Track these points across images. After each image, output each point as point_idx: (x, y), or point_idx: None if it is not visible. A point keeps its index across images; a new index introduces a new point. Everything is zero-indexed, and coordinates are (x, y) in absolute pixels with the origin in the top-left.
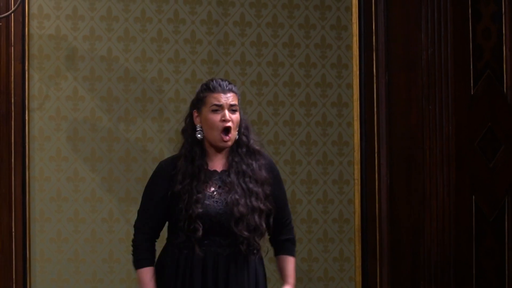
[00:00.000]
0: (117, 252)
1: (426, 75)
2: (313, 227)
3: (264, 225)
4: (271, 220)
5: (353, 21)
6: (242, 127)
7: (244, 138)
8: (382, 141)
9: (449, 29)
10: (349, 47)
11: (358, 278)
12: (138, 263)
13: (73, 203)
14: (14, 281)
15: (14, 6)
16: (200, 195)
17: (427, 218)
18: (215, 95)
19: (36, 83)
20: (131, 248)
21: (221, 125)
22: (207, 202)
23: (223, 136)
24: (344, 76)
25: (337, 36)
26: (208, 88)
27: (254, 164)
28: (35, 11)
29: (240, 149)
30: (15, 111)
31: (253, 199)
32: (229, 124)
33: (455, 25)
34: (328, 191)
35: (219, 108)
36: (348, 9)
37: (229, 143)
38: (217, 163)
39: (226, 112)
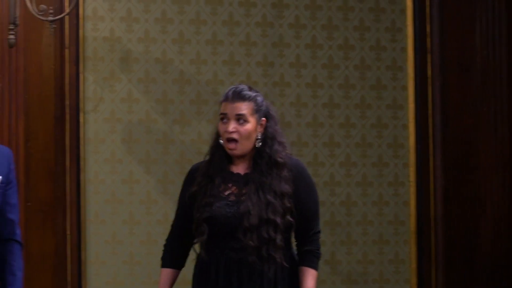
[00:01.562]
0: None
1: (480, 77)
2: (369, 229)
3: (279, 239)
4: (292, 233)
5: (407, 23)
6: (268, 137)
7: (267, 149)
8: (437, 143)
9: (503, 31)
10: (404, 49)
11: (414, 280)
12: (161, 263)
13: (128, 205)
14: (68, 283)
15: (68, 8)
16: (211, 198)
17: (482, 220)
18: (224, 103)
19: (91, 85)
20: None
21: (225, 135)
22: (218, 205)
23: (227, 144)
24: (399, 78)
25: (392, 38)
26: (223, 95)
27: (274, 176)
28: (89, 13)
29: (260, 160)
30: (70, 114)
31: (269, 211)
32: (233, 135)
33: (509, 27)
34: (383, 193)
35: (225, 117)
36: (403, 11)
37: (237, 152)
38: (241, 167)
39: (231, 122)
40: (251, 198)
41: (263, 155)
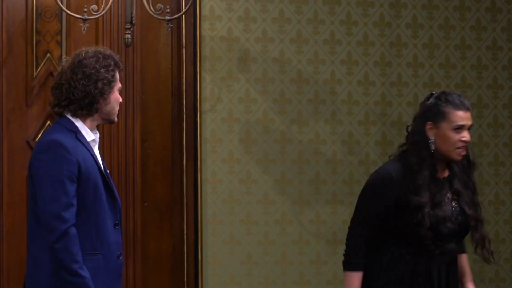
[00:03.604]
0: (290, 254)
1: None
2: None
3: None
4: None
5: None
6: None
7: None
8: None
9: None
10: None
11: None
12: (350, 266)
13: (246, 205)
14: (185, 283)
15: (185, 7)
16: (444, 207)
17: None
18: (460, 114)
19: (208, 85)
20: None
21: (460, 144)
22: (445, 213)
23: (459, 150)
24: None
25: (508, 38)
26: (451, 103)
27: (470, 175)
28: (206, 12)
29: (462, 161)
30: (187, 114)
31: (478, 210)
32: (467, 144)
33: None
34: (499, 192)
35: (461, 128)
36: None
37: (460, 158)
38: (442, 172)
39: (466, 132)
40: (465, 199)
41: (464, 157)
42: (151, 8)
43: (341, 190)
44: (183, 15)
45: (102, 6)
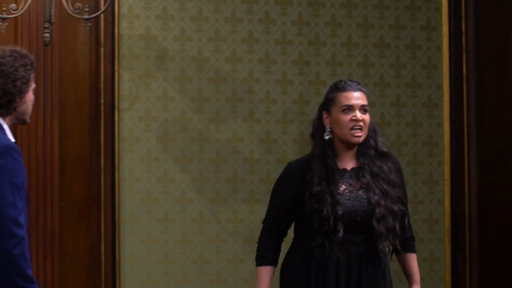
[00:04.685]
0: (207, 253)
1: None
2: None
3: (398, 227)
4: (406, 221)
5: (443, 22)
6: (370, 129)
7: (372, 141)
8: (472, 141)
9: None
10: (439, 48)
11: (448, 278)
12: (259, 261)
13: (163, 204)
14: (103, 282)
15: (103, 6)
16: (339, 197)
17: None
18: (345, 94)
19: (126, 84)
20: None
21: (352, 124)
22: (344, 201)
23: (353, 131)
24: (434, 77)
25: (427, 37)
26: (337, 88)
27: (384, 167)
28: (125, 11)
29: (369, 151)
30: (105, 112)
31: (389, 201)
32: (360, 123)
33: None
34: (418, 192)
35: (350, 108)
36: (438, 10)
37: (361, 139)
38: (347, 162)
39: (357, 112)
40: (373, 190)
41: (370, 146)
42: (70, 7)
43: (259, 189)
44: (102, 14)
45: (21, 5)
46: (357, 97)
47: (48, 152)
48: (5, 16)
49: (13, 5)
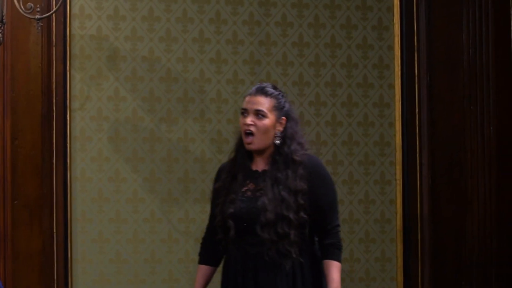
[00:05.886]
0: (159, 252)
1: (468, 75)
2: (355, 228)
3: (293, 234)
4: (306, 230)
5: (394, 21)
6: (287, 137)
7: (285, 148)
8: (423, 141)
9: (490, 29)
10: (390, 48)
11: (400, 278)
12: (198, 259)
13: (115, 204)
14: (55, 282)
15: (55, 6)
16: (233, 195)
17: (469, 218)
18: (246, 97)
19: (78, 84)
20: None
21: (244, 128)
22: (239, 201)
23: (245, 138)
24: (386, 77)
25: (378, 36)
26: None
27: (290, 173)
28: (76, 11)
29: (279, 157)
30: (57, 112)
31: (283, 207)
32: (250, 128)
33: (497, 25)
34: (369, 192)
35: (245, 111)
36: (390, 9)
37: (252, 146)
38: (260, 164)
39: (249, 117)
40: (267, 194)
41: (281, 153)
42: (22, 7)
43: (210, 189)
44: (53, 14)
45: None
46: (253, 102)
47: (0, 151)
48: None
49: None
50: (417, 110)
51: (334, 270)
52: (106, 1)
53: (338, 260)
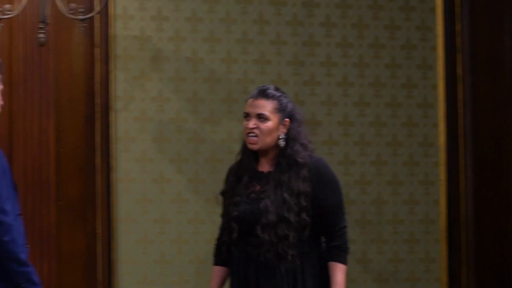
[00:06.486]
0: (203, 253)
1: (510, 75)
2: (399, 228)
3: (291, 236)
4: (306, 232)
5: (437, 22)
6: (290, 138)
7: (288, 150)
8: (467, 141)
9: None
10: (434, 48)
11: (444, 279)
12: (213, 260)
13: (159, 205)
14: (99, 283)
15: (98, 7)
16: (238, 197)
17: None
18: (249, 101)
19: (121, 84)
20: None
21: (247, 131)
22: (243, 203)
23: (248, 139)
24: (430, 77)
25: (422, 37)
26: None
27: (293, 175)
28: (119, 12)
29: (282, 159)
30: (100, 113)
31: (284, 209)
32: (254, 131)
33: None
34: (414, 192)
35: (248, 115)
36: (433, 10)
37: (255, 146)
38: (265, 165)
39: (252, 120)
40: (270, 196)
41: (285, 155)
42: (65, 7)
43: None
44: (96, 15)
45: (16, 6)
46: (255, 105)
47: (44, 152)
48: (0, 16)
49: (8, 6)
50: (460, 110)
51: (338, 272)
52: (149, 1)
53: (343, 262)
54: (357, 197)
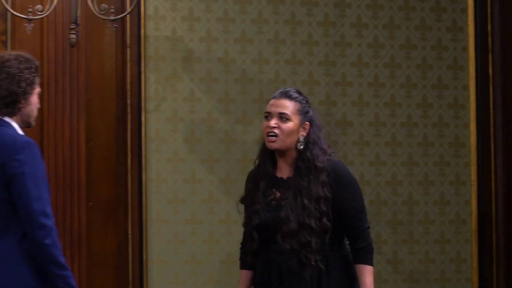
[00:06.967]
0: (235, 253)
1: None
2: (430, 228)
3: (314, 242)
4: (328, 236)
5: (469, 22)
6: (310, 142)
7: (308, 154)
8: (498, 142)
9: None
10: (465, 49)
11: (475, 279)
12: (239, 264)
13: (190, 205)
14: (130, 283)
15: (129, 7)
16: (258, 205)
17: None
18: (271, 101)
19: (152, 85)
20: None
21: (267, 131)
22: (263, 211)
23: (268, 138)
24: (461, 78)
25: (453, 37)
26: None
27: (312, 180)
28: (151, 12)
29: (301, 163)
30: (131, 113)
31: (305, 215)
32: (274, 130)
33: None
34: (445, 193)
35: (269, 115)
36: (464, 10)
37: (275, 145)
38: (284, 170)
39: (273, 120)
40: (290, 203)
41: (304, 159)
42: (96, 8)
43: None
44: (128, 15)
45: (47, 7)
46: (276, 105)
47: (75, 153)
48: (31, 17)
49: (39, 6)
50: (491, 111)
51: (366, 274)
52: (181, 2)
53: (370, 263)
54: (388, 197)
